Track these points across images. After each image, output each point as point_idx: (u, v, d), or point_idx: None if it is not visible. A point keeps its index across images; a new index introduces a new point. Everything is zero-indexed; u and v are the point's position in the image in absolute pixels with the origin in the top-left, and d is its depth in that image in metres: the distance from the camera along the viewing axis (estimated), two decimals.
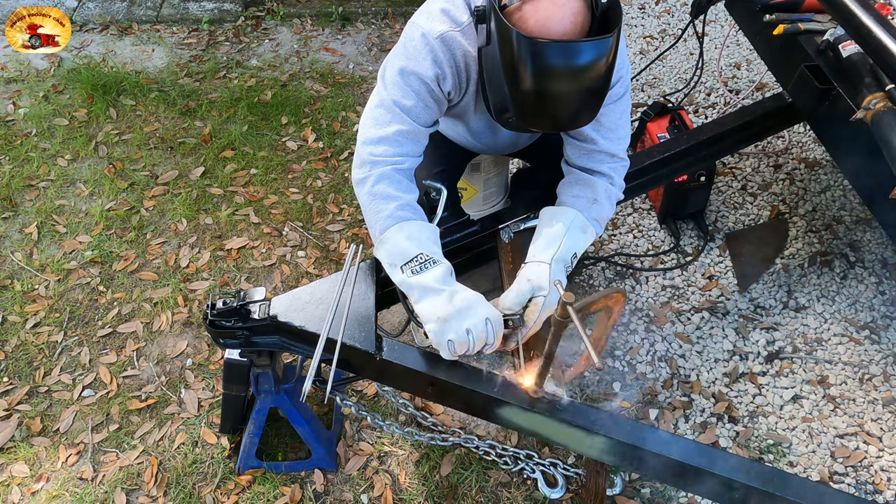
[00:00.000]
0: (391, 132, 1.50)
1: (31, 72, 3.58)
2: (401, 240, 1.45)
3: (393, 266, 1.46)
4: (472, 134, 1.81)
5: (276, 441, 2.09)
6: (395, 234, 1.46)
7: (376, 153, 1.51)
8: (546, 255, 1.53)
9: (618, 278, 2.54)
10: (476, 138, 1.84)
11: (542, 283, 1.49)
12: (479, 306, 1.43)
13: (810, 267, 2.49)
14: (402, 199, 1.49)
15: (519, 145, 1.96)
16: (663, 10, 3.82)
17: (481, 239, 1.75)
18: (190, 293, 2.52)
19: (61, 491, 2.00)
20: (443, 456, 2.04)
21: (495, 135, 1.79)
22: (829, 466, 2.00)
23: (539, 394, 1.43)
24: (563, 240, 1.56)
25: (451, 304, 1.41)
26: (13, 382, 2.28)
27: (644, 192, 2.55)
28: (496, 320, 1.44)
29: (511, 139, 1.85)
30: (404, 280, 1.45)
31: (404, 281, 1.45)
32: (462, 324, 1.40)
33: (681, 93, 3.19)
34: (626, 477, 1.98)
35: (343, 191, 2.90)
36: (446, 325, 1.40)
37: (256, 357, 1.69)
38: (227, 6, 4.04)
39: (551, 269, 1.51)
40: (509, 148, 1.98)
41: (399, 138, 1.51)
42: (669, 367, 2.26)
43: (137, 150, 3.11)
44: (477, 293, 1.45)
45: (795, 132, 2.99)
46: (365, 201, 1.52)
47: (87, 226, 2.79)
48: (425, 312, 1.43)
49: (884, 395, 2.13)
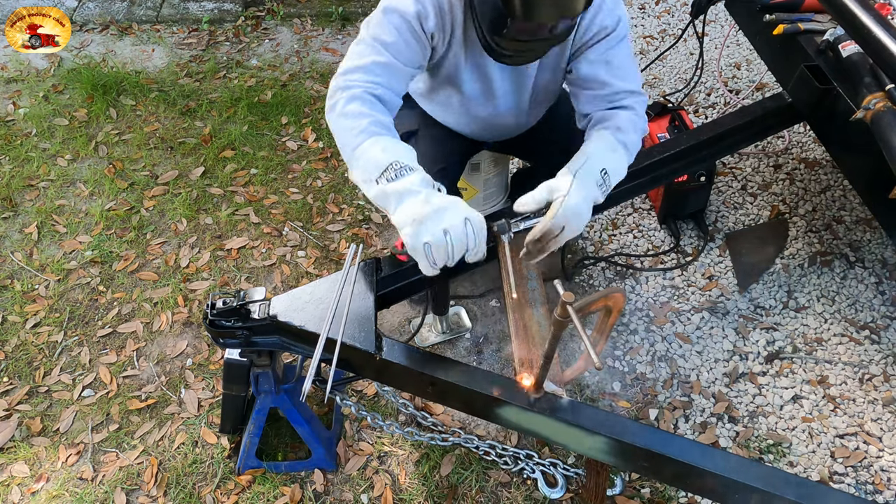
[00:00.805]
0: (367, 62, 1.46)
1: (31, 72, 3.59)
2: (376, 152, 1.37)
3: (368, 182, 1.37)
4: (468, 104, 1.77)
5: (276, 441, 2.09)
6: (368, 147, 1.38)
7: (350, 79, 1.46)
8: (569, 170, 1.47)
9: (618, 278, 2.54)
10: (473, 110, 1.79)
11: (561, 186, 1.43)
12: (457, 206, 1.35)
13: (810, 267, 2.49)
14: (375, 116, 1.42)
15: (520, 121, 1.87)
16: (663, 10, 3.82)
17: None
18: (190, 293, 2.52)
19: (61, 491, 2.00)
20: (443, 456, 2.04)
21: (492, 102, 1.76)
22: (829, 466, 2.00)
23: (539, 394, 1.43)
24: (588, 157, 1.49)
25: (427, 205, 1.32)
26: (13, 382, 2.28)
27: (644, 192, 2.55)
28: (477, 222, 1.36)
29: (512, 109, 1.78)
30: (380, 191, 1.35)
31: (380, 192, 1.35)
32: (439, 224, 1.31)
33: (681, 93, 3.19)
34: (626, 477, 1.98)
35: (343, 191, 2.90)
36: (422, 227, 1.31)
37: (256, 357, 1.69)
38: (227, 6, 4.04)
39: (575, 178, 1.44)
40: (510, 123, 1.88)
41: (375, 68, 1.46)
42: (669, 367, 2.26)
43: (137, 150, 3.11)
44: (457, 197, 1.38)
45: (795, 132, 2.99)
46: (335, 124, 1.44)
47: (87, 226, 2.79)
48: (401, 218, 1.33)
49: (884, 395, 2.13)
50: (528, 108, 1.85)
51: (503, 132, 1.98)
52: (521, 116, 1.88)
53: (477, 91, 1.73)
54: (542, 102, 1.87)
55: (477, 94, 1.74)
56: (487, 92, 1.73)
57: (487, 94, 1.74)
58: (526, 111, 1.86)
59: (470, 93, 1.74)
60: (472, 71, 1.67)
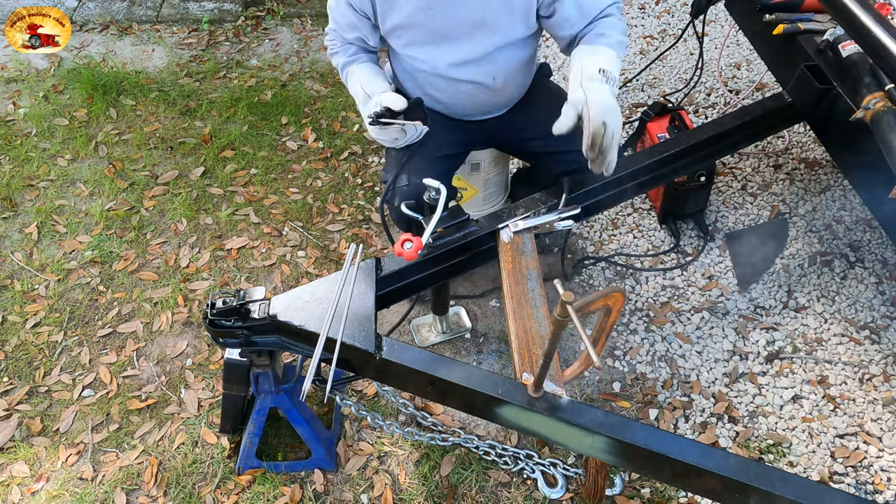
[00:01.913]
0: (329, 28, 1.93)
1: (31, 72, 3.59)
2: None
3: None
4: (424, 11, 1.75)
5: (276, 441, 2.09)
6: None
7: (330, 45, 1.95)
8: (573, 86, 1.65)
9: (618, 278, 2.54)
10: (431, 18, 1.77)
11: (578, 97, 1.61)
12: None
13: (810, 267, 2.49)
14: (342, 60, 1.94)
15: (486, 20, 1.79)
16: (663, 10, 3.82)
17: (481, 239, 1.75)
18: (190, 293, 2.52)
19: (61, 491, 2.00)
20: (443, 456, 2.04)
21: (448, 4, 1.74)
22: (829, 466, 2.00)
23: (539, 393, 1.43)
24: (581, 68, 1.66)
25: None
26: (13, 382, 2.28)
27: (644, 192, 2.55)
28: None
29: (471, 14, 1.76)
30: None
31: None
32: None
33: (681, 93, 3.19)
34: (626, 477, 1.98)
35: (343, 191, 2.90)
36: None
37: (256, 357, 1.69)
38: (227, 6, 4.04)
39: (581, 86, 1.62)
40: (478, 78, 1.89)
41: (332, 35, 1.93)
42: (669, 367, 2.26)
43: (137, 150, 3.11)
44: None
45: (795, 132, 2.99)
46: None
47: (87, 226, 2.79)
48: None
49: (884, 395, 2.13)
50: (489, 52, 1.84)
51: (483, 98, 1.97)
52: (485, 70, 1.88)
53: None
54: (504, 46, 1.84)
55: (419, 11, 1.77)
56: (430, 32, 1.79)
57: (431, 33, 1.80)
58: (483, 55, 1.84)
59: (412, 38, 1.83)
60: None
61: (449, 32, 1.79)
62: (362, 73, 1.90)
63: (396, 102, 1.75)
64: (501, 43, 1.82)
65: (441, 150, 1.96)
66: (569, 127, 1.62)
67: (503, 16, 1.76)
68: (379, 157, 3.06)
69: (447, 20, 1.76)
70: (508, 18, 1.77)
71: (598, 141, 1.59)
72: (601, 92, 1.60)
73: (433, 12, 1.74)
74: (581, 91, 1.61)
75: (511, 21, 1.78)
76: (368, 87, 1.84)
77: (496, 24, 1.77)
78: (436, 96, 1.95)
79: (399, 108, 1.74)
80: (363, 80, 1.87)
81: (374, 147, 3.11)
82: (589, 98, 1.59)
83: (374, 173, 2.98)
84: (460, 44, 1.81)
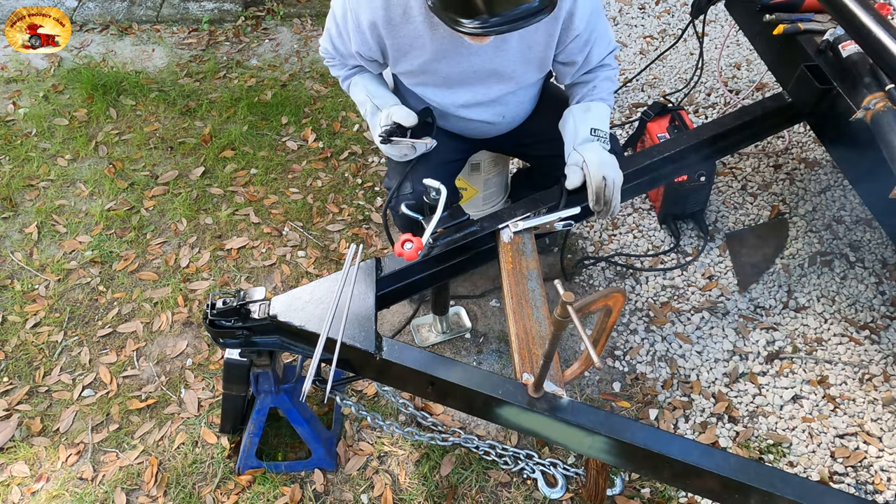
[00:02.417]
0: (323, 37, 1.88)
1: (31, 72, 3.59)
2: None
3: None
4: (438, 60, 1.72)
5: (276, 441, 2.09)
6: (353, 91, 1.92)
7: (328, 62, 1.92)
8: (568, 149, 1.79)
9: (618, 278, 2.54)
10: (445, 66, 1.74)
11: (576, 159, 1.74)
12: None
13: (810, 267, 2.49)
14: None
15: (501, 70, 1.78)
16: (663, 10, 3.82)
17: (481, 239, 1.75)
18: (190, 293, 2.52)
19: (61, 491, 2.00)
20: (443, 456, 2.04)
21: (463, 55, 1.72)
22: (829, 466, 2.00)
23: (539, 394, 1.43)
24: (575, 130, 1.79)
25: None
26: (13, 382, 2.28)
27: (644, 192, 2.55)
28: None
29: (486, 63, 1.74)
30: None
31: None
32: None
33: (681, 93, 3.19)
34: (626, 477, 1.98)
35: (343, 191, 2.90)
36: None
37: (256, 357, 1.69)
38: (227, 6, 4.04)
39: (576, 148, 1.76)
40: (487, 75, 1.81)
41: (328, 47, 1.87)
42: (669, 367, 2.26)
43: (137, 150, 3.11)
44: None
45: (795, 132, 2.99)
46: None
47: (87, 226, 2.79)
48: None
49: (884, 395, 2.13)
50: (502, 95, 1.85)
51: (490, 129, 1.98)
52: (495, 110, 1.89)
53: (446, 47, 1.70)
54: (519, 90, 1.86)
55: (447, 50, 1.71)
56: (454, 42, 1.68)
57: (455, 45, 1.69)
58: (495, 98, 1.85)
59: (439, 49, 1.70)
60: (437, 26, 1.63)
61: (462, 79, 1.79)
62: (367, 84, 1.86)
63: (407, 118, 1.74)
64: (514, 88, 1.84)
65: (444, 156, 1.96)
66: (580, 181, 1.74)
67: (518, 66, 1.76)
68: (379, 157, 3.06)
69: (461, 68, 1.75)
70: (523, 68, 1.78)
71: (601, 194, 1.71)
72: (595, 150, 1.73)
73: (447, 61, 1.73)
74: (577, 153, 1.75)
75: (526, 70, 1.79)
76: (377, 99, 1.82)
77: (512, 74, 1.78)
78: (443, 126, 1.96)
79: (410, 123, 1.74)
80: (370, 90, 1.85)
81: (374, 147, 3.11)
82: (586, 158, 1.72)
83: (374, 173, 2.98)
84: (473, 88, 1.81)
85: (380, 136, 1.76)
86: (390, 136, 1.75)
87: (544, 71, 1.83)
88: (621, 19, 3.78)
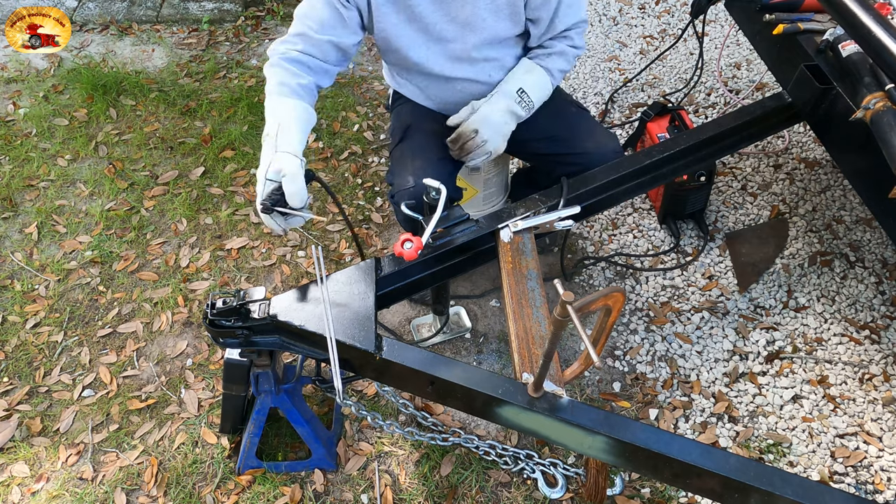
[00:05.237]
0: (288, 34, 1.78)
1: (31, 72, 3.59)
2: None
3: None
4: (425, 18, 1.77)
5: (276, 441, 2.09)
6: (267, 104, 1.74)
7: (272, 49, 1.77)
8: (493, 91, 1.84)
9: (618, 278, 2.54)
10: (423, 8, 1.77)
11: (480, 102, 1.81)
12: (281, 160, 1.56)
13: (810, 267, 2.49)
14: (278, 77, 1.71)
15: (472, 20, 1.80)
16: (663, 10, 3.82)
17: (481, 239, 1.75)
18: (190, 293, 2.52)
19: (61, 491, 2.00)
20: (443, 456, 2.04)
21: (435, 44, 1.81)
22: (829, 466, 2.00)
23: (539, 393, 1.43)
24: (507, 80, 1.83)
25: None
26: (13, 382, 2.28)
27: (644, 191, 2.54)
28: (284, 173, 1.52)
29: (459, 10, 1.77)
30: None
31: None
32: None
33: (681, 93, 3.19)
34: (626, 477, 1.98)
35: (343, 191, 2.90)
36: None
37: (256, 357, 1.69)
38: (227, 6, 4.04)
39: (492, 95, 1.81)
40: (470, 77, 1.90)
41: (292, 38, 1.77)
42: (669, 366, 2.26)
43: (137, 150, 3.11)
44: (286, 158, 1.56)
45: (795, 132, 2.99)
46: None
47: (87, 226, 2.79)
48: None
49: (884, 395, 2.13)
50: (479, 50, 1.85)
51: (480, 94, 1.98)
52: (479, 67, 1.89)
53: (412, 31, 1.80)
54: (495, 44, 1.87)
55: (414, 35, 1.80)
56: (423, 29, 1.79)
57: (424, 32, 1.80)
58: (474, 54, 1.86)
59: (407, 41, 1.81)
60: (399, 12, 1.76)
61: (440, 31, 1.81)
62: (287, 112, 1.66)
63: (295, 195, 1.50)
64: (490, 40, 1.84)
65: (444, 151, 1.96)
66: (458, 121, 1.82)
67: (488, 14, 1.78)
68: (379, 157, 3.06)
69: (436, 17, 1.78)
70: (493, 17, 1.79)
71: (463, 141, 1.79)
72: (496, 106, 1.80)
73: (424, 5, 1.76)
74: (487, 98, 1.80)
75: (497, 20, 1.80)
76: (282, 137, 1.62)
77: (483, 24, 1.80)
78: (438, 102, 1.96)
79: (297, 205, 1.51)
80: (283, 121, 1.63)
81: (374, 147, 3.12)
82: (482, 107, 1.80)
83: (374, 173, 2.98)
84: (451, 44, 1.83)
85: (261, 204, 1.51)
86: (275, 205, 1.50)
87: (518, 25, 1.83)
88: (621, 19, 3.79)
